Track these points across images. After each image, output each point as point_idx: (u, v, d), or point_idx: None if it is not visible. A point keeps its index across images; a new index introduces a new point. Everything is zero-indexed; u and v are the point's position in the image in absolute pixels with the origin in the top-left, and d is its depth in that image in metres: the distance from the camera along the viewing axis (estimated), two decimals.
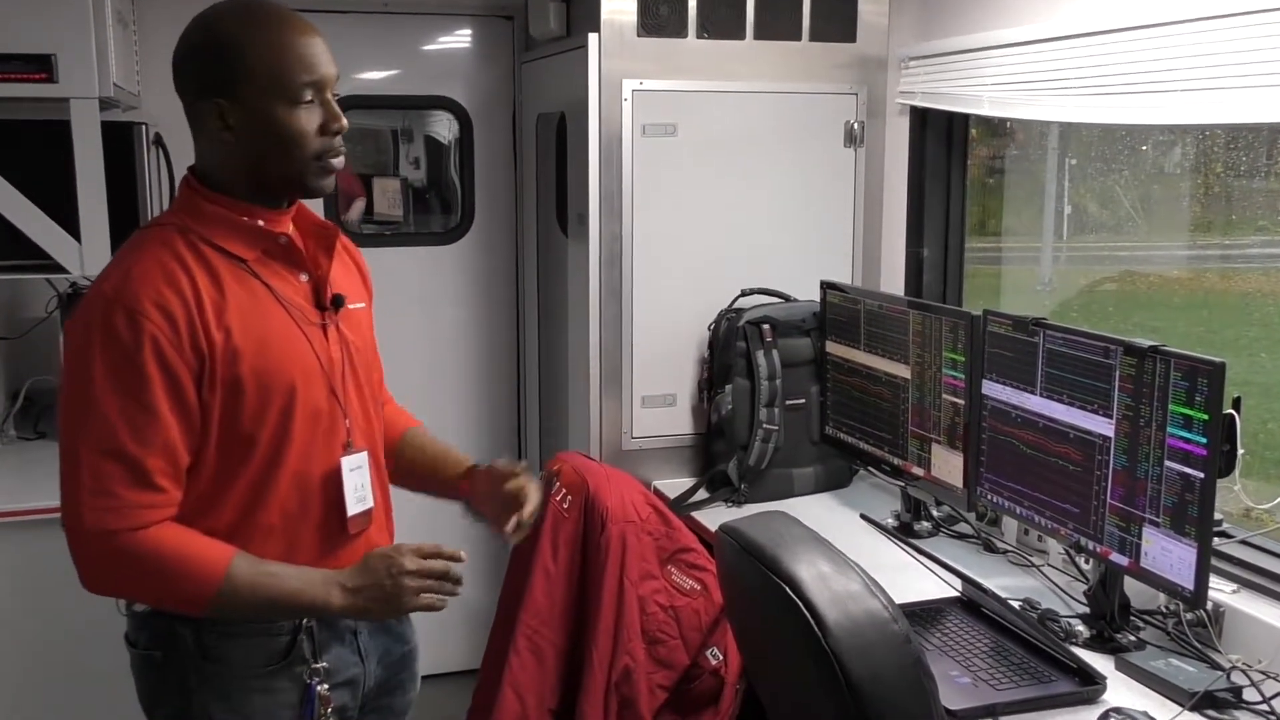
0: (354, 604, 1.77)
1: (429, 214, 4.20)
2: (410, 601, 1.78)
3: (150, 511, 1.67)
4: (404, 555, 1.78)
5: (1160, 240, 3.39)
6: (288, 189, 1.80)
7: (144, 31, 3.50)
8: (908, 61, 3.24)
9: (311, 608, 1.78)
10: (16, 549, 2.85)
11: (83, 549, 1.68)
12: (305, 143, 1.74)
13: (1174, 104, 2.34)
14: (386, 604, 1.78)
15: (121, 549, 1.66)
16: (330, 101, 1.76)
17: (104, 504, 1.64)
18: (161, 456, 1.67)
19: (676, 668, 2.80)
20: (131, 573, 1.69)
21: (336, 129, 1.76)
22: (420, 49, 3.97)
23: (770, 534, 1.90)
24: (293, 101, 1.72)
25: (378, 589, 1.77)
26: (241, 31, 1.73)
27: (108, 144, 2.89)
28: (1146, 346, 2.08)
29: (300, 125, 1.73)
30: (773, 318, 3.16)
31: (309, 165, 1.76)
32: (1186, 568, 2.02)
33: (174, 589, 1.70)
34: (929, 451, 2.76)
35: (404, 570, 1.76)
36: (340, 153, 1.79)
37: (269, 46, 1.72)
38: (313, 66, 1.73)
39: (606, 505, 2.78)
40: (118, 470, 1.65)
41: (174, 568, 1.68)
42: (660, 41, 3.15)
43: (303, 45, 1.74)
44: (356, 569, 1.79)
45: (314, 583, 1.77)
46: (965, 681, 2.08)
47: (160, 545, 1.67)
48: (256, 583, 1.72)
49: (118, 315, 1.64)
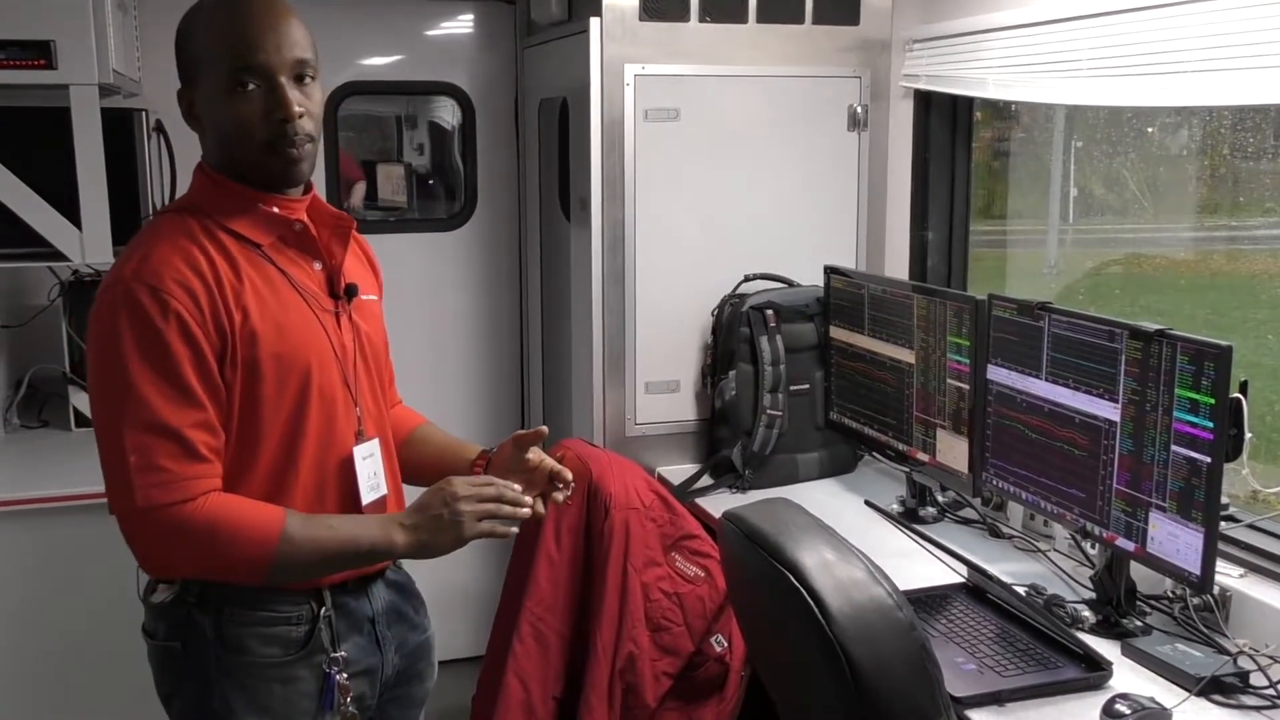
0: (416, 539, 1.74)
1: (433, 200, 4.19)
2: (472, 528, 1.73)
3: (199, 483, 1.66)
4: (458, 483, 1.75)
5: (1167, 222, 3.37)
6: (261, 178, 1.76)
7: (144, 17, 3.48)
8: (911, 44, 3.22)
9: (374, 552, 1.76)
10: (21, 538, 2.85)
11: (137, 528, 1.67)
12: (249, 131, 1.71)
13: (1179, 85, 2.32)
14: (448, 534, 1.74)
15: (175, 523, 1.64)
16: (281, 88, 1.70)
17: (153, 480, 1.63)
18: (204, 429, 1.67)
19: (681, 654, 2.80)
20: (188, 546, 1.67)
21: (280, 117, 1.71)
22: (422, 34, 3.95)
23: (773, 521, 1.90)
24: (229, 89, 1.70)
25: (437, 521, 1.73)
26: (196, 18, 1.74)
27: (108, 130, 2.88)
28: (1152, 330, 2.07)
29: (240, 113, 1.70)
30: (776, 303, 3.15)
31: (260, 154, 1.73)
32: (1193, 552, 2.01)
33: (233, 557, 1.69)
34: (934, 437, 2.75)
35: (458, 496, 1.73)
36: (298, 140, 1.73)
37: (213, 32, 1.71)
38: (253, 49, 1.69)
39: (610, 492, 2.78)
40: (163, 445, 1.64)
41: (230, 535, 1.67)
42: (662, 26, 3.12)
43: (249, 28, 1.70)
44: (412, 507, 1.78)
45: (371, 526, 1.76)
46: (971, 668, 2.07)
47: (214, 515, 1.66)
48: (314, 536, 1.71)
49: (143, 295, 1.64)
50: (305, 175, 1.80)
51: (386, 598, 1.92)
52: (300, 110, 1.72)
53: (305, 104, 1.73)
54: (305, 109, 1.73)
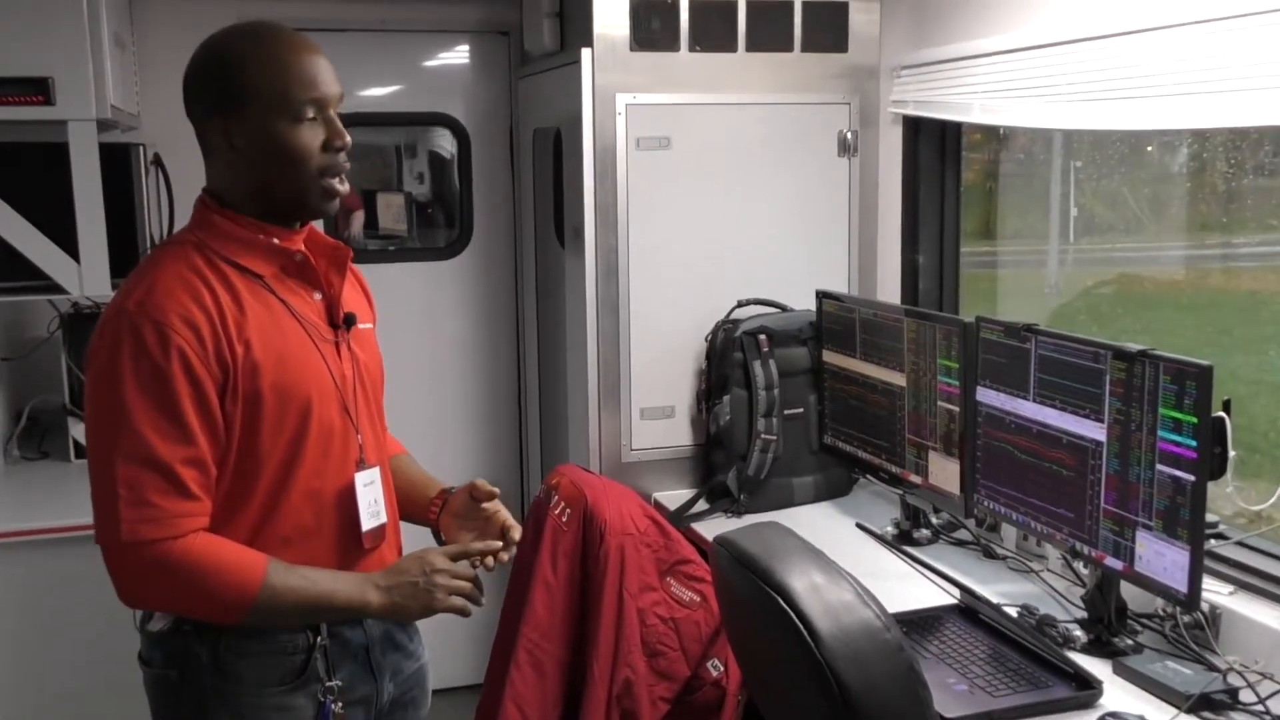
0: (390, 601, 1.80)
1: (433, 228, 4.22)
2: (443, 601, 1.81)
3: (186, 520, 1.68)
4: (435, 555, 1.82)
5: (1168, 241, 3.38)
6: (294, 209, 1.81)
7: (143, 52, 3.53)
8: (899, 70, 3.25)
9: (348, 608, 1.80)
10: (21, 569, 2.87)
11: (120, 561, 1.69)
12: (308, 159, 1.76)
13: (1163, 109, 2.34)
14: (419, 601, 1.81)
15: (159, 559, 1.66)
16: (333, 119, 1.78)
17: (141, 514, 1.65)
18: (195, 466, 1.69)
19: (677, 679, 2.81)
20: (170, 583, 1.69)
21: (339, 145, 1.78)
22: (419, 65, 3.99)
23: (763, 545, 1.92)
24: (294, 118, 1.74)
25: (411, 587, 1.80)
26: (244, 49, 1.76)
27: (106, 165, 2.91)
28: (1135, 350, 2.09)
29: (302, 141, 1.75)
30: (769, 328, 3.17)
31: (312, 183, 1.77)
32: (1180, 570, 2.03)
33: (213, 598, 1.71)
34: (926, 459, 2.77)
35: (436, 569, 1.80)
36: (344, 170, 1.80)
37: (270, 63, 1.74)
38: (314, 83, 1.75)
39: (605, 518, 2.79)
40: (153, 480, 1.66)
41: (213, 576, 1.69)
42: (653, 55, 3.16)
43: (304, 62, 1.76)
44: (390, 570, 1.83)
45: (349, 583, 1.80)
46: (962, 689, 2.08)
47: (197, 554, 1.68)
48: (293, 586, 1.74)
49: (146, 328, 1.66)
50: (337, 209, 1.85)
51: (381, 626, 1.93)
52: (350, 139, 1.80)
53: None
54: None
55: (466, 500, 1.98)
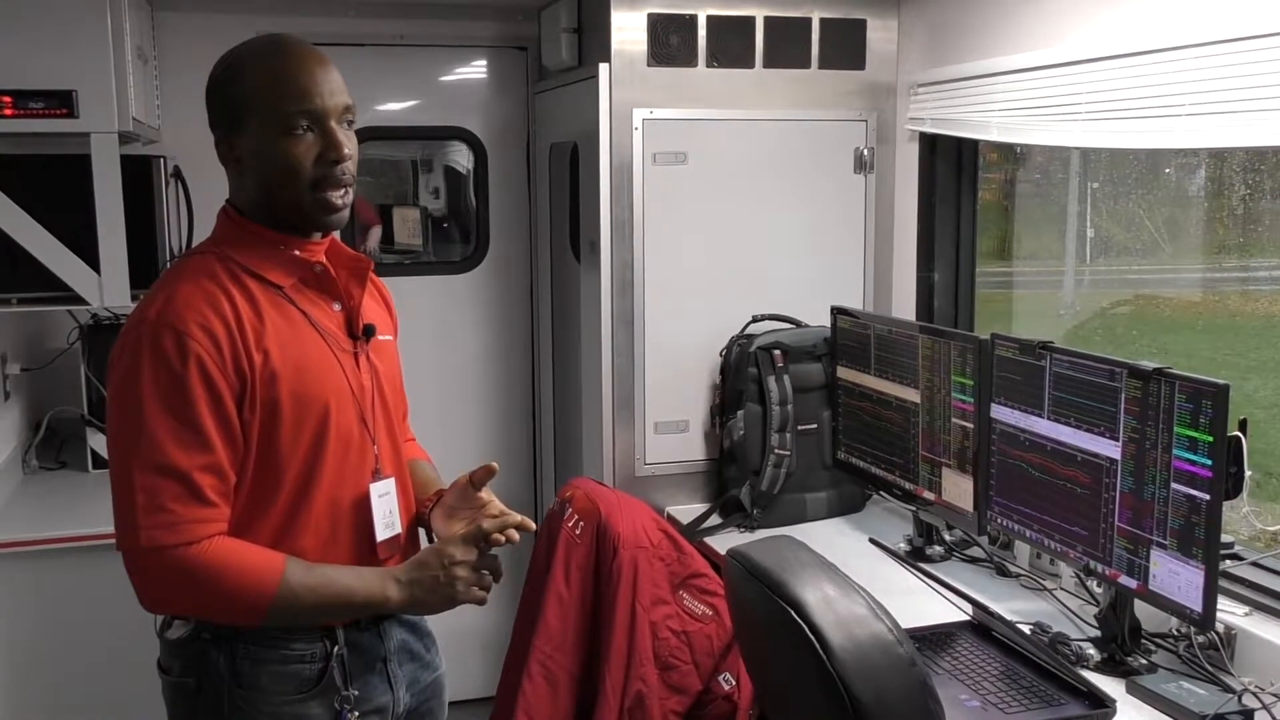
0: (410, 595, 1.79)
1: (449, 242, 4.24)
2: (464, 593, 1.80)
3: (204, 526, 1.70)
4: (454, 547, 1.80)
5: (1184, 263, 3.38)
6: (294, 221, 1.81)
7: (164, 66, 3.56)
8: (916, 88, 3.26)
9: (368, 604, 1.80)
10: (39, 578, 2.89)
11: (139, 566, 1.70)
12: (299, 172, 1.76)
13: (1182, 128, 2.35)
14: (440, 595, 1.80)
15: (177, 564, 1.68)
16: (332, 131, 1.77)
17: (158, 520, 1.67)
18: (212, 473, 1.70)
19: (689, 693, 2.81)
20: (189, 588, 1.71)
21: (333, 158, 1.76)
22: (436, 80, 4.01)
23: (776, 558, 1.92)
24: (285, 130, 1.75)
25: (433, 581, 1.79)
26: (244, 63, 1.78)
27: (127, 177, 2.93)
28: (1150, 369, 2.09)
29: (293, 154, 1.75)
30: (784, 343, 3.18)
31: (305, 195, 1.77)
32: (1194, 590, 2.02)
33: (232, 600, 1.72)
34: (940, 475, 2.77)
35: (456, 561, 1.79)
36: (343, 183, 1.79)
37: (264, 76, 1.76)
38: (305, 95, 1.75)
39: (618, 531, 2.80)
40: (171, 487, 1.67)
41: (231, 579, 1.71)
42: (670, 71, 3.18)
43: (299, 74, 1.76)
44: (409, 564, 1.82)
45: (368, 579, 1.80)
46: (974, 705, 2.08)
47: (216, 559, 1.70)
48: (311, 585, 1.75)
49: (166, 337, 1.68)
50: (343, 221, 1.84)
51: (399, 636, 1.94)
52: (349, 152, 1.79)
53: (350, 147, 1.80)
54: (351, 152, 1.80)
55: (457, 493, 1.96)
